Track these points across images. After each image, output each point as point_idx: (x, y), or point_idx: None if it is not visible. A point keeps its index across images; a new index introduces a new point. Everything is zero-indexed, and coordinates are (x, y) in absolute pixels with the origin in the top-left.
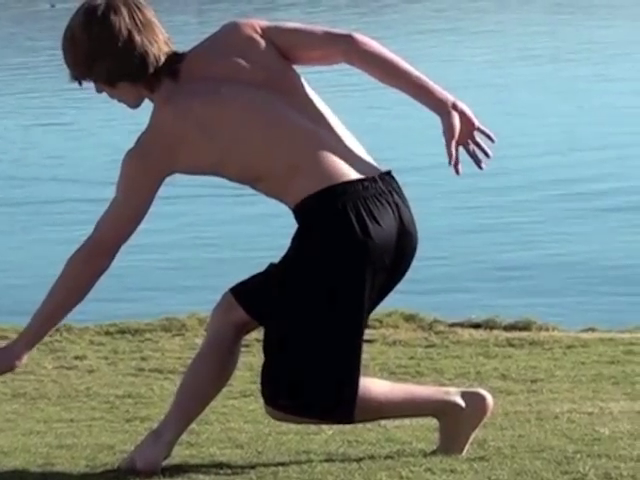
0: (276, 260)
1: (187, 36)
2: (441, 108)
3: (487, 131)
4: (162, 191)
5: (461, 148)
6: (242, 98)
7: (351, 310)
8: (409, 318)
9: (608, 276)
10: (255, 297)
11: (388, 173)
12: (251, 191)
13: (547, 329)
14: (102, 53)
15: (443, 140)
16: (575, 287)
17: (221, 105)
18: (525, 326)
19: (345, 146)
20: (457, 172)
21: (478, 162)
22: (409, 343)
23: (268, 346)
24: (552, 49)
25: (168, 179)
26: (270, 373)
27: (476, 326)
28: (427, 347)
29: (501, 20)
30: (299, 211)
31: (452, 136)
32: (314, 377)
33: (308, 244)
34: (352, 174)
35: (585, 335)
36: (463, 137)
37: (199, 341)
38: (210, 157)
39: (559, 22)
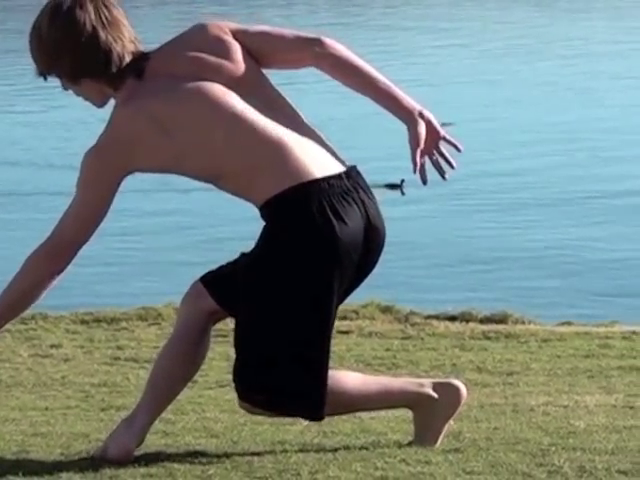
0: (248, 250)
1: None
2: (408, 116)
3: (453, 141)
4: (141, 185)
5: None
6: (205, 96)
7: (319, 309)
8: (385, 310)
9: (586, 270)
10: (225, 286)
11: (353, 168)
12: None
13: (523, 322)
14: (66, 48)
15: (409, 149)
16: (552, 281)
17: (181, 103)
18: (501, 319)
19: (310, 143)
20: (424, 181)
21: (442, 172)
22: (385, 335)
23: (238, 341)
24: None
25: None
26: (240, 368)
27: (452, 318)
28: (403, 339)
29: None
30: (265, 211)
31: (417, 144)
32: (282, 374)
33: (275, 244)
34: (317, 172)
35: (561, 329)
36: (428, 146)
37: None
38: (168, 155)
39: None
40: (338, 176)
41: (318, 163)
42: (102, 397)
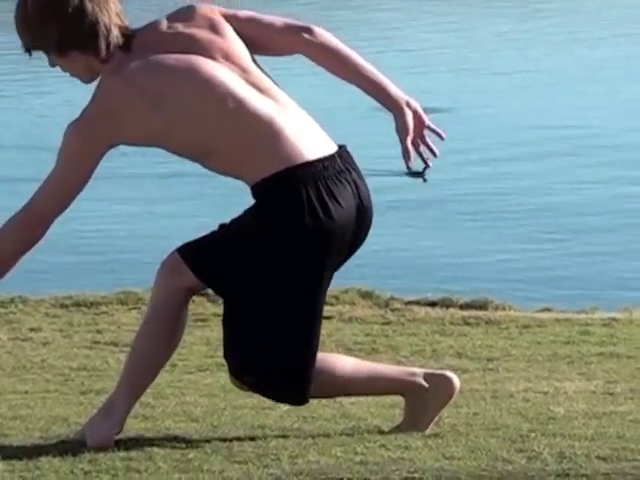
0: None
1: None
2: (395, 106)
3: (437, 129)
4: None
5: None
6: (195, 70)
7: (310, 293)
8: (365, 295)
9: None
10: (204, 259)
11: (344, 148)
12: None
13: (503, 308)
14: (52, 19)
15: (397, 138)
16: (532, 267)
17: (171, 76)
18: (481, 305)
19: (301, 124)
20: (409, 169)
21: (425, 161)
22: (365, 320)
23: (226, 320)
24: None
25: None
26: (230, 347)
27: (432, 304)
28: (383, 324)
29: None
30: (258, 191)
31: (407, 133)
32: (269, 358)
33: (268, 224)
34: (310, 154)
35: (541, 315)
36: (414, 135)
37: None
38: (154, 127)
39: None
40: (331, 157)
41: (311, 144)
42: (82, 381)
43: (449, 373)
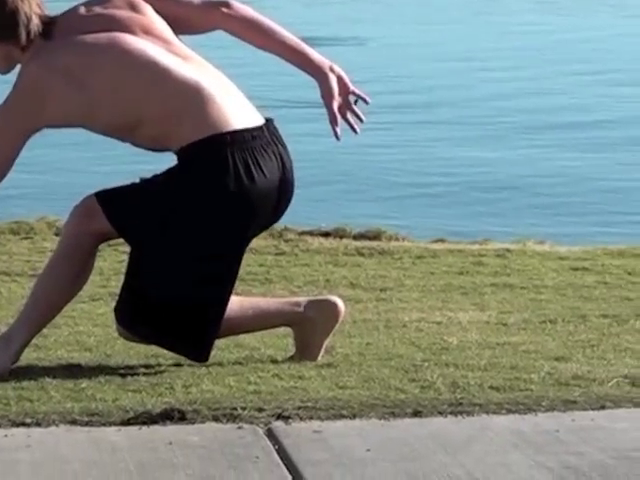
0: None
1: None
2: (319, 72)
3: (362, 94)
4: None
5: None
6: (117, 44)
7: (223, 255)
8: None
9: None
10: (120, 207)
11: (271, 121)
12: None
13: (397, 239)
14: None
15: (322, 103)
16: (424, 198)
17: (92, 53)
18: (375, 236)
19: (229, 93)
20: (337, 137)
21: (352, 126)
22: (259, 251)
23: (132, 270)
24: None
25: None
26: (129, 297)
27: (326, 235)
28: (277, 255)
29: None
30: (184, 154)
31: (333, 98)
32: (175, 313)
33: (192, 185)
34: (239, 123)
35: (434, 246)
36: (340, 101)
37: (48, 245)
38: (80, 107)
39: None
40: (259, 128)
41: (240, 113)
42: None
43: (333, 298)
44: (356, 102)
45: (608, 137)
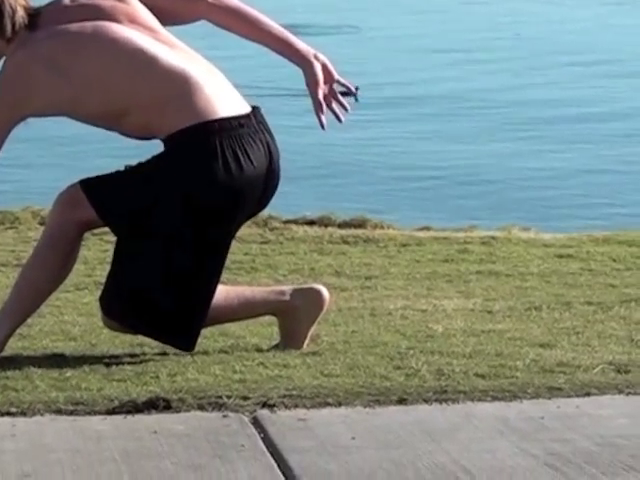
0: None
1: None
2: (303, 60)
3: (347, 83)
4: None
5: None
6: (102, 32)
7: (214, 244)
8: None
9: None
10: (106, 196)
11: (257, 109)
12: None
13: (382, 227)
14: None
15: (307, 91)
16: (410, 186)
17: (78, 42)
18: (360, 224)
19: (215, 81)
20: (322, 126)
21: (337, 115)
22: (244, 239)
23: (119, 259)
24: None
25: None
26: (116, 287)
27: (311, 223)
28: (262, 243)
29: None
30: (172, 141)
31: (318, 86)
32: (162, 303)
33: (179, 172)
34: (227, 111)
35: (420, 234)
36: (326, 90)
37: (33, 234)
38: (66, 94)
39: None
40: (247, 116)
41: (228, 101)
42: None
43: (318, 286)
44: (344, 95)
45: (598, 130)
